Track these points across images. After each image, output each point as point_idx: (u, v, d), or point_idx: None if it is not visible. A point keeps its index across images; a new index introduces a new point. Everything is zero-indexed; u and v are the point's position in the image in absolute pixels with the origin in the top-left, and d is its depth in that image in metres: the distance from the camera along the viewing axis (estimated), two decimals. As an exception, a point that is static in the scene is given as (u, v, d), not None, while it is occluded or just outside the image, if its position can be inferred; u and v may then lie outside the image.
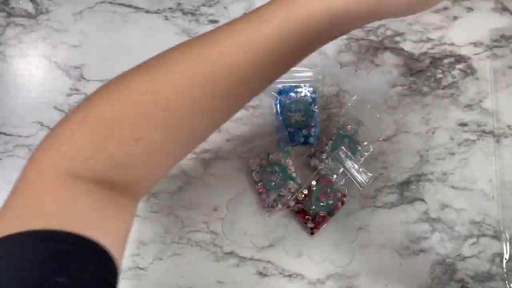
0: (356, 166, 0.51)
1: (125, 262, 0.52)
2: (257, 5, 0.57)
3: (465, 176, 0.53)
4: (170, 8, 0.56)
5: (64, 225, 0.25)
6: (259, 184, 0.52)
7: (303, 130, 0.53)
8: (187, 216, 0.53)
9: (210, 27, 0.54)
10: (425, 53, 0.55)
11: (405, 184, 0.53)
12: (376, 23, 0.55)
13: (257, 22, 0.28)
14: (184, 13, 0.56)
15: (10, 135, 0.54)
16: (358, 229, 0.52)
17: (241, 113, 0.54)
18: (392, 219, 0.53)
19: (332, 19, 0.28)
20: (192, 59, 0.28)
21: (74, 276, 0.24)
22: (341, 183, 0.51)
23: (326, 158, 0.52)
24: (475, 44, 0.55)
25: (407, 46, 0.55)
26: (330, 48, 0.55)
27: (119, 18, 0.56)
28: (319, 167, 0.51)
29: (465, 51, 0.55)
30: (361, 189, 0.51)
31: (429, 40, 0.55)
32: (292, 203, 0.51)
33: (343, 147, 0.51)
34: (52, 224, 0.24)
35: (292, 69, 0.31)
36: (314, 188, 0.51)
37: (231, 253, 0.52)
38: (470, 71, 0.55)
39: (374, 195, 0.53)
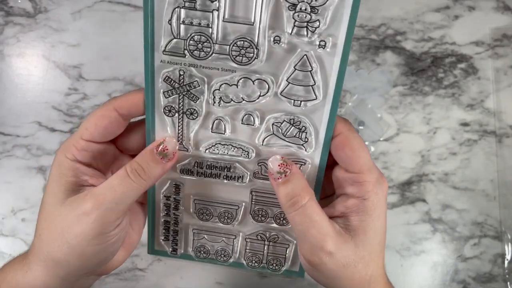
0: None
1: (124, 263, 0.52)
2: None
3: (467, 176, 0.53)
4: (169, 7, 0.56)
5: None
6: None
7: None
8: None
9: (209, 26, 0.54)
10: (426, 53, 0.54)
11: (406, 184, 0.53)
12: (377, 22, 0.55)
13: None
14: (184, 12, 0.56)
15: (8, 135, 0.53)
16: (358, 229, 0.52)
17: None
18: (393, 220, 0.52)
19: None
20: None
21: None
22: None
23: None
24: (477, 44, 0.55)
25: (408, 45, 0.55)
26: (330, 47, 0.54)
27: (118, 17, 0.55)
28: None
29: (466, 51, 0.55)
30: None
31: (430, 39, 0.55)
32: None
33: (343, 147, 0.51)
34: None
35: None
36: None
37: (231, 254, 0.52)
38: (471, 71, 0.55)
39: (375, 196, 0.53)
